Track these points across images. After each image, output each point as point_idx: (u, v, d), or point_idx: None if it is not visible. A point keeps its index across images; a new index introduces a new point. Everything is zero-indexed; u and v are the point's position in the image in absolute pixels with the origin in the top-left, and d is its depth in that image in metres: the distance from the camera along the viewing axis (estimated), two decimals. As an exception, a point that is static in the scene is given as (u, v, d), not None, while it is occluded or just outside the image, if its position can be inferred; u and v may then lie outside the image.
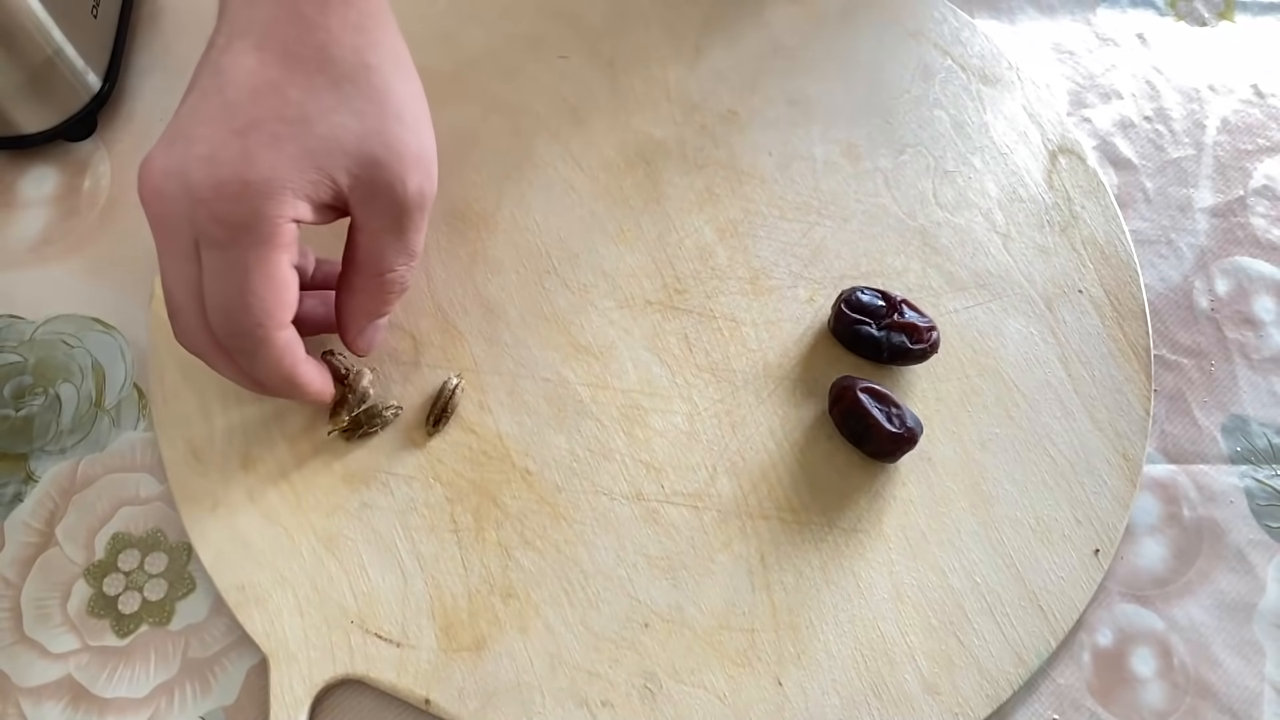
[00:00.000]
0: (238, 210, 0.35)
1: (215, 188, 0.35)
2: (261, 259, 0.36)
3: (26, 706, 0.43)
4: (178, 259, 0.37)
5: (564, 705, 0.43)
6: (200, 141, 0.35)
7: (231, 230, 0.35)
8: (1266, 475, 0.49)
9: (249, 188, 0.35)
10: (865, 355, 0.48)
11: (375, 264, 0.40)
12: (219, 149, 0.35)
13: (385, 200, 0.38)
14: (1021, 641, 0.44)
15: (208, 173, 0.35)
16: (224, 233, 0.35)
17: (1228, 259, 0.54)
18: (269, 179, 0.35)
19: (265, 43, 0.36)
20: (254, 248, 0.36)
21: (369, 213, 0.39)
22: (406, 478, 0.46)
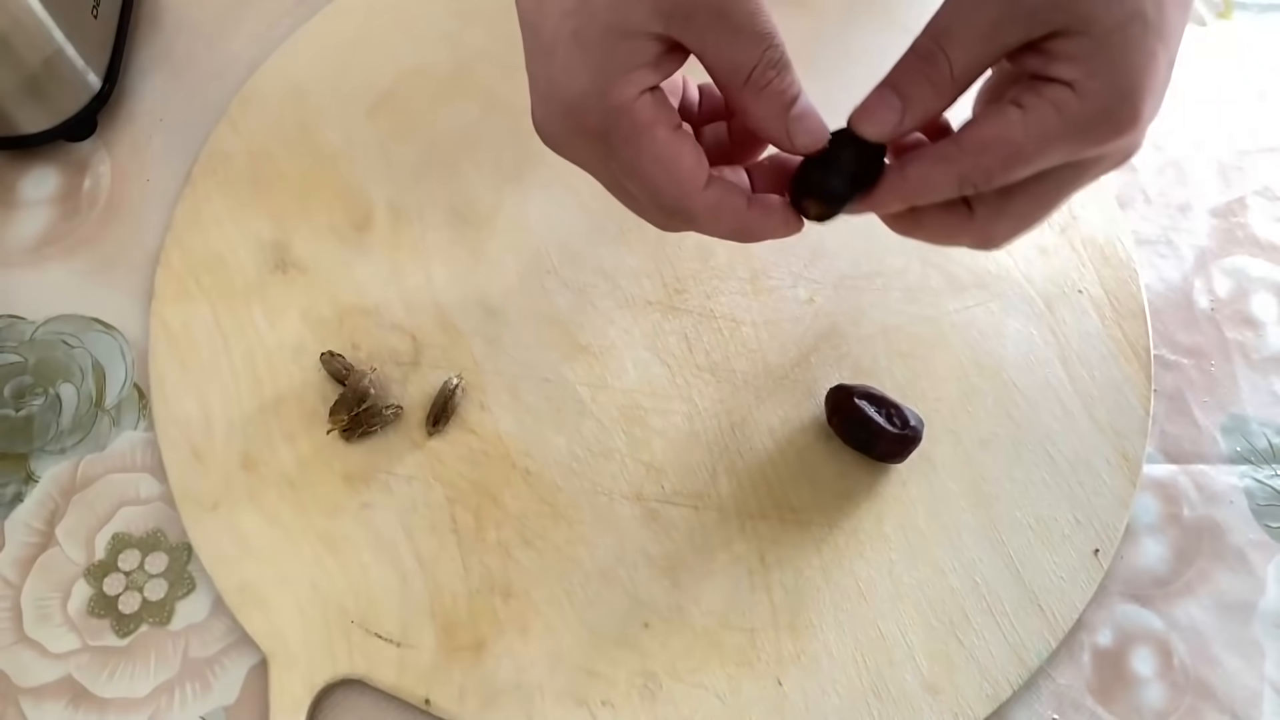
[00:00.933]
0: (593, 120, 0.34)
1: (566, 113, 0.35)
2: (639, 145, 0.34)
3: (26, 706, 0.43)
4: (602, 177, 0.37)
5: (564, 705, 0.43)
6: (538, 79, 0.35)
7: (602, 139, 0.35)
8: (1266, 475, 0.49)
9: (587, 96, 0.34)
10: None
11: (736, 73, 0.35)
12: (548, 77, 0.35)
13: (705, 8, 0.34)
14: (1021, 641, 0.44)
15: (555, 103, 0.35)
16: (600, 144, 0.35)
17: (1228, 259, 0.54)
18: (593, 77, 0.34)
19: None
20: (627, 140, 0.34)
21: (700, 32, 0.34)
22: (406, 478, 0.46)
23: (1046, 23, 0.32)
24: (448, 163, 0.53)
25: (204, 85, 0.56)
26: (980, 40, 0.33)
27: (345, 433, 0.47)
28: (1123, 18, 0.32)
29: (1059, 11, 0.32)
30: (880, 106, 0.35)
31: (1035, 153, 0.33)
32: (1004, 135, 0.33)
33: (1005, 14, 0.33)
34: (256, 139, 0.54)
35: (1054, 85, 0.33)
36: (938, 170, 0.34)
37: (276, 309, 0.50)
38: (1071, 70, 0.33)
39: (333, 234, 0.51)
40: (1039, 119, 0.33)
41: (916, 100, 0.35)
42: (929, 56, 0.34)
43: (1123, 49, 0.32)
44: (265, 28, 0.57)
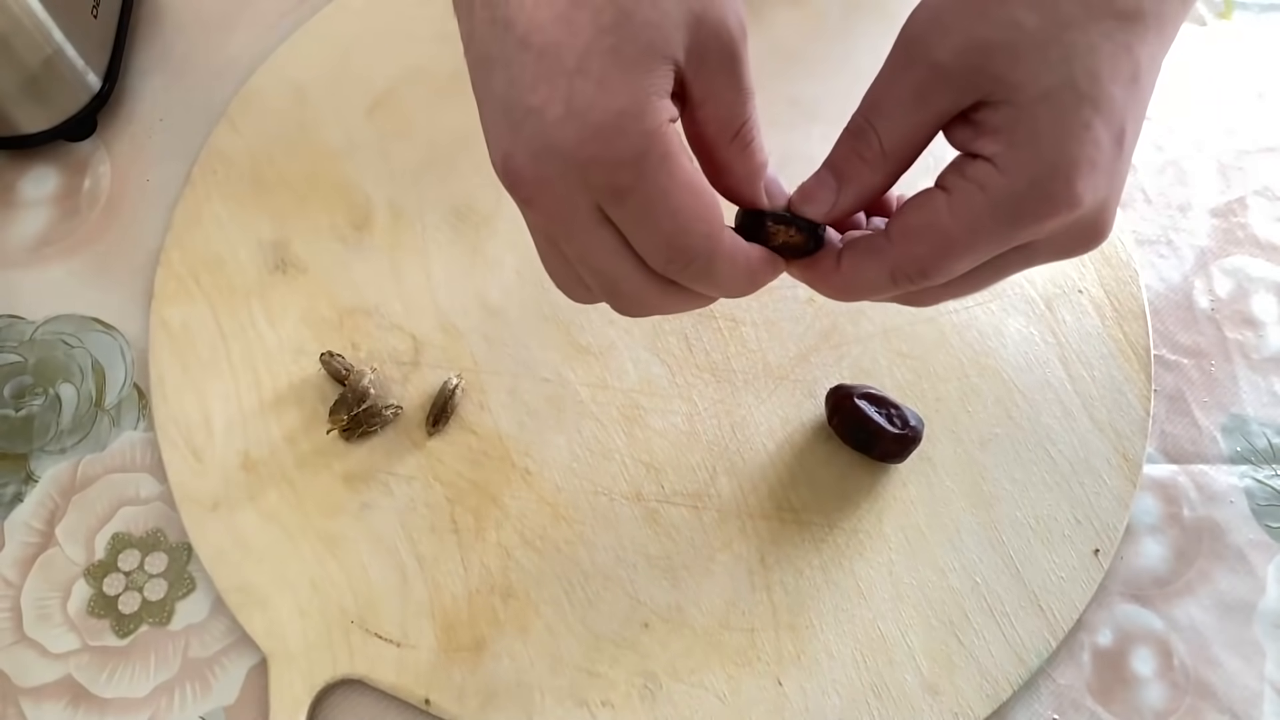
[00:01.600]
0: (627, 143, 0.31)
1: (594, 138, 0.31)
2: (671, 174, 0.32)
3: (26, 706, 0.43)
4: (591, 231, 0.33)
5: (564, 705, 0.43)
6: (547, 105, 0.31)
7: (632, 167, 0.31)
8: (1266, 475, 0.49)
9: (624, 117, 0.31)
10: None
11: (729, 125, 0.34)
12: (572, 100, 0.31)
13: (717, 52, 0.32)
14: (1021, 641, 0.44)
15: (578, 129, 0.31)
16: (628, 174, 0.31)
17: (1228, 259, 0.54)
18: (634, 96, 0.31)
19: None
20: (660, 168, 0.31)
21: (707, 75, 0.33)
22: (406, 478, 0.46)
23: (971, 89, 0.31)
24: (448, 163, 0.53)
25: (204, 85, 0.56)
26: (906, 111, 0.32)
27: (345, 433, 0.47)
28: (1050, 85, 0.30)
29: (982, 77, 0.31)
30: (818, 187, 0.35)
31: (966, 240, 0.32)
32: (930, 221, 0.32)
33: (927, 80, 0.32)
34: (256, 139, 0.54)
35: (977, 162, 0.31)
36: (869, 263, 0.34)
37: (276, 309, 0.50)
38: (994, 144, 0.31)
39: (333, 234, 0.51)
40: (963, 200, 0.32)
41: (851, 178, 0.34)
42: (859, 132, 0.33)
43: (1049, 120, 0.31)
44: (265, 28, 0.57)
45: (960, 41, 0.31)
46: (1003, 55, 0.30)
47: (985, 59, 0.31)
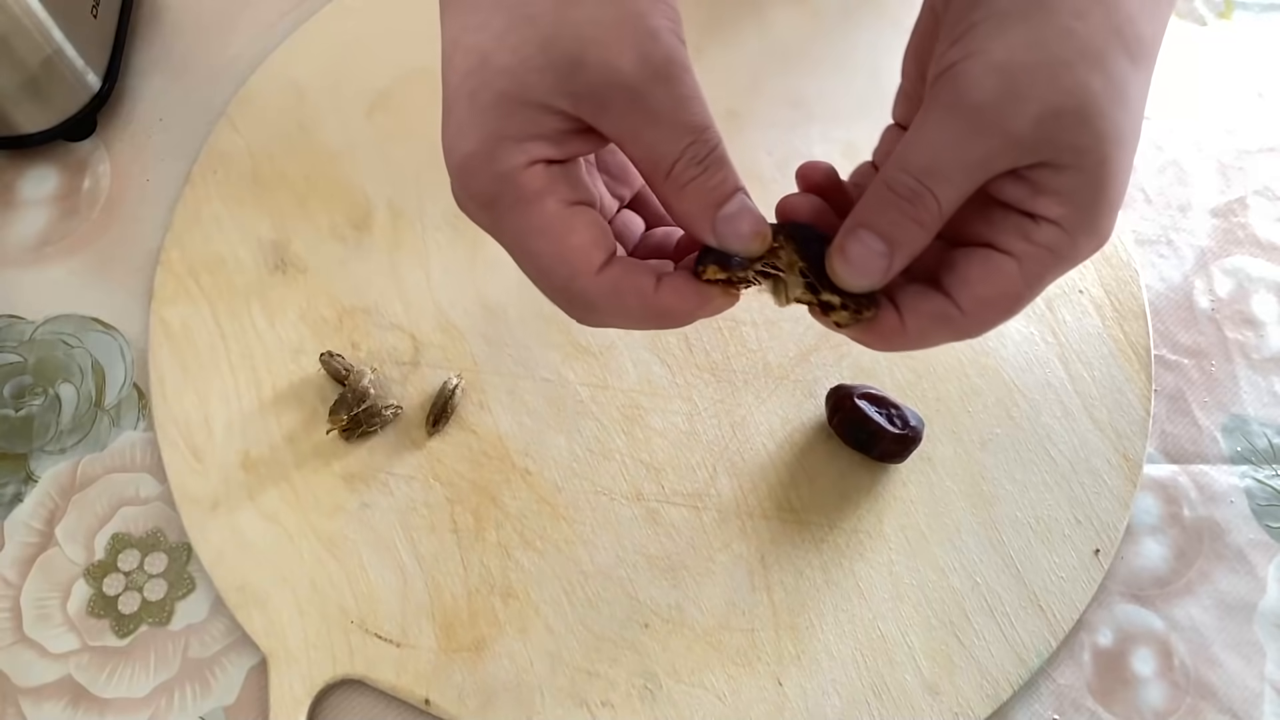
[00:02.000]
0: (480, 184, 0.32)
1: (459, 173, 0.33)
2: (525, 216, 0.32)
3: (26, 706, 0.43)
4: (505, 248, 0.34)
5: (564, 705, 0.43)
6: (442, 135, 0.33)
7: (489, 206, 0.33)
8: (1267, 475, 0.49)
9: (475, 158, 0.32)
10: None
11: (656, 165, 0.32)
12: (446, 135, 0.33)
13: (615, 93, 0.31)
14: (1021, 641, 0.44)
15: (450, 162, 0.33)
16: (487, 212, 0.33)
17: (1228, 259, 0.54)
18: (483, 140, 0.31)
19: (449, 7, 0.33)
20: (511, 211, 0.32)
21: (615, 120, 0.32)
22: (406, 478, 0.46)
23: (1038, 154, 0.31)
24: (448, 163, 0.53)
25: (204, 85, 0.56)
26: (969, 176, 0.32)
27: (345, 433, 0.47)
28: (1111, 148, 0.31)
29: (1050, 144, 0.31)
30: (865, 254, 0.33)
31: (1033, 296, 0.33)
32: (1004, 290, 0.33)
33: (998, 149, 0.31)
34: (256, 139, 0.54)
35: (1042, 226, 0.32)
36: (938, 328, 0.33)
37: (276, 309, 0.50)
38: (1058, 206, 0.31)
39: (332, 234, 0.51)
40: (1036, 266, 0.32)
41: (904, 244, 0.32)
42: (914, 197, 0.32)
43: (1110, 177, 0.31)
44: (265, 28, 0.57)
45: (1038, 111, 0.30)
46: (1074, 121, 0.31)
47: (1059, 126, 0.31)
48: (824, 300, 0.33)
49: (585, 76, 0.31)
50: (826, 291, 0.33)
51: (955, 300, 0.33)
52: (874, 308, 0.33)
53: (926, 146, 0.32)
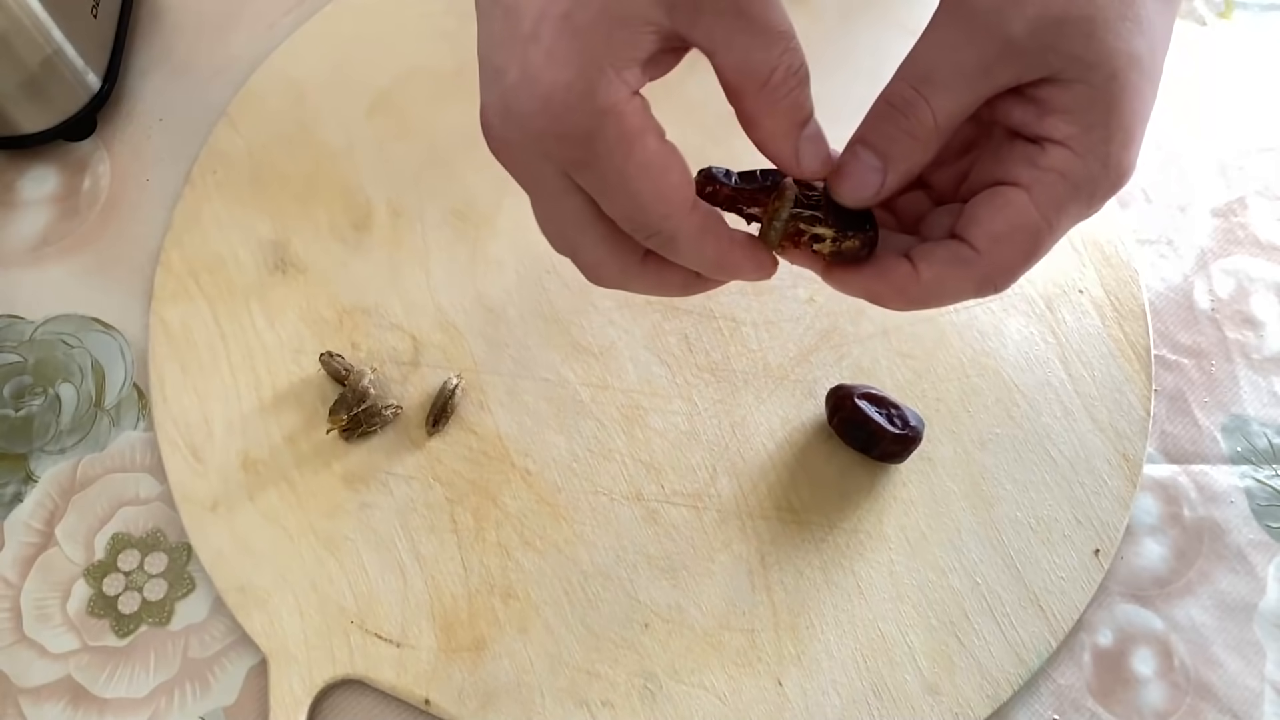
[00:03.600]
0: (575, 120, 0.30)
1: (543, 111, 0.30)
2: (626, 153, 0.30)
3: (26, 706, 0.43)
4: (555, 199, 0.32)
5: (564, 705, 0.43)
6: (508, 69, 0.31)
7: (584, 143, 0.30)
8: (1266, 475, 0.49)
9: (571, 91, 0.30)
10: None
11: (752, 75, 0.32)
12: (525, 66, 0.30)
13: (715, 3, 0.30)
14: (1021, 641, 0.44)
15: (528, 97, 0.30)
16: (579, 150, 0.31)
17: (1228, 259, 0.54)
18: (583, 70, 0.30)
19: None
20: (613, 147, 0.30)
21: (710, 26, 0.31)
22: (406, 478, 0.46)
23: (1040, 65, 0.30)
24: (448, 163, 0.53)
25: (204, 85, 0.56)
26: (967, 84, 0.30)
27: (345, 433, 0.47)
28: (1121, 64, 0.30)
29: (1055, 55, 0.30)
30: (859, 169, 0.32)
31: (1053, 230, 0.31)
32: (1017, 222, 0.31)
33: (996, 54, 0.30)
34: (256, 139, 0.54)
35: (1050, 150, 0.30)
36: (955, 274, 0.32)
37: (276, 309, 0.50)
38: (1067, 126, 0.30)
39: (332, 234, 0.51)
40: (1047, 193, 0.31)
41: (898, 158, 0.32)
42: (908, 106, 0.31)
43: (1121, 98, 0.30)
44: (265, 28, 0.57)
45: (1037, 15, 0.29)
46: (1078, 31, 0.29)
47: (1060, 35, 0.29)
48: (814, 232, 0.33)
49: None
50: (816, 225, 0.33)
51: (969, 241, 0.32)
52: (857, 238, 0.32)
53: (923, 55, 0.31)
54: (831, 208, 0.33)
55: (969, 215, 0.32)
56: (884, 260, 0.33)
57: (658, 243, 0.32)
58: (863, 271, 0.33)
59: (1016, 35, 0.30)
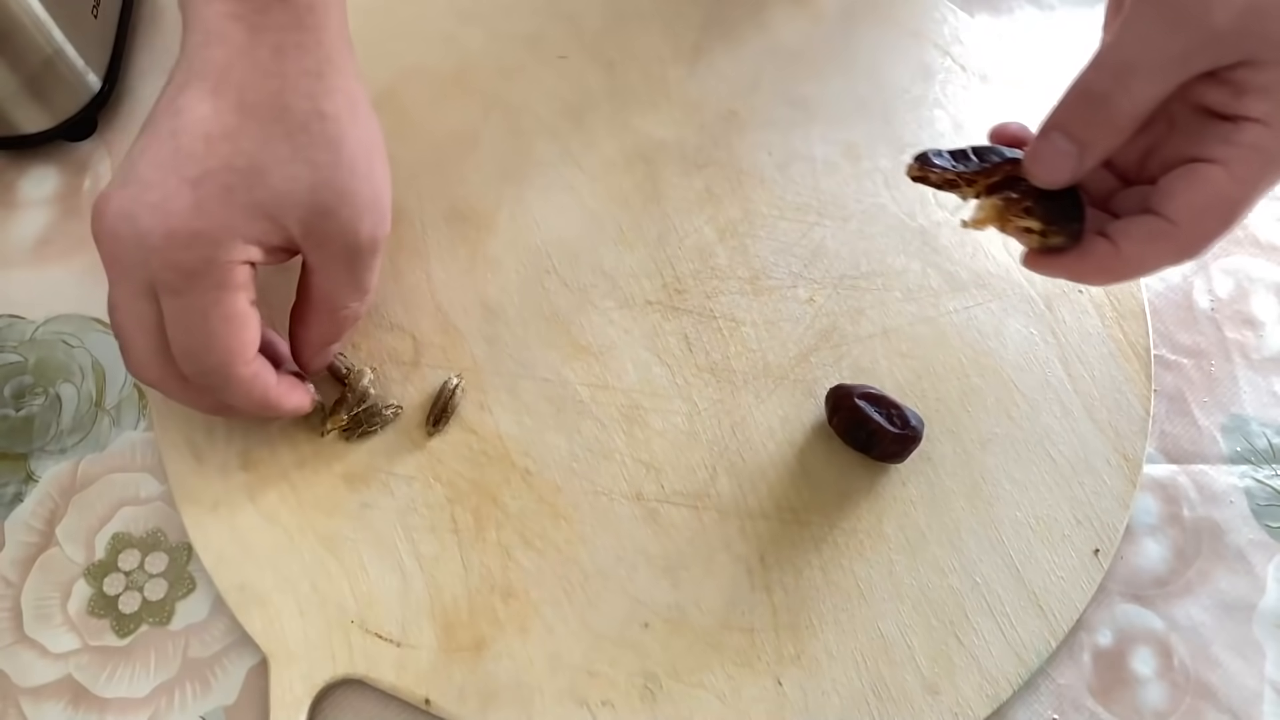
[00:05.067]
0: (189, 258, 0.36)
1: (166, 236, 0.36)
2: (217, 301, 0.37)
3: (26, 706, 0.43)
4: (131, 297, 0.38)
5: (564, 705, 0.43)
6: (153, 187, 0.36)
7: (185, 277, 0.36)
8: (1266, 475, 0.49)
9: (199, 237, 0.36)
10: None
11: (329, 301, 0.41)
12: (171, 197, 0.36)
13: (338, 246, 0.40)
14: (1021, 641, 0.44)
15: (159, 220, 0.36)
16: (178, 279, 0.36)
17: (1228, 259, 0.54)
18: (220, 228, 0.36)
19: (221, 89, 0.36)
20: (209, 291, 0.37)
21: (322, 257, 0.40)
22: (406, 478, 0.46)
23: (1239, 50, 0.31)
24: (448, 163, 0.53)
25: (204, 85, 0.56)
26: (1169, 72, 0.32)
27: (345, 433, 0.47)
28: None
29: (1255, 40, 0.31)
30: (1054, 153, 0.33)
31: (1250, 202, 0.32)
32: (1215, 195, 0.32)
33: (1197, 42, 0.31)
34: (256, 139, 0.53)
35: (1245, 126, 0.31)
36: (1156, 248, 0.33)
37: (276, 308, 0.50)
38: (1261, 104, 0.31)
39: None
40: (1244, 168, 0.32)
41: (1094, 143, 0.33)
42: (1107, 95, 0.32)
43: None
44: (265, 28, 0.57)
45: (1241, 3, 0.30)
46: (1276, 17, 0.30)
47: (1260, 20, 0.30)
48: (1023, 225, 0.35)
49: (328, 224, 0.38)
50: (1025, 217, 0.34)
51: (1166, 215, 0.33)
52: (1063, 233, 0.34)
53: (1124, 43, 0.32)
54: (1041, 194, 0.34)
55: (1165, 190, 0.33)
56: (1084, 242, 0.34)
57: (207, 381, 0.39)
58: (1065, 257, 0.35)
59: (1220, 24, 0.31)
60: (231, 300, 0.37)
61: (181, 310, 0.37)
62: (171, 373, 0.39)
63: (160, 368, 0.39)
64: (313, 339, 0.43)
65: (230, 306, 0.37)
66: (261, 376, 0.40)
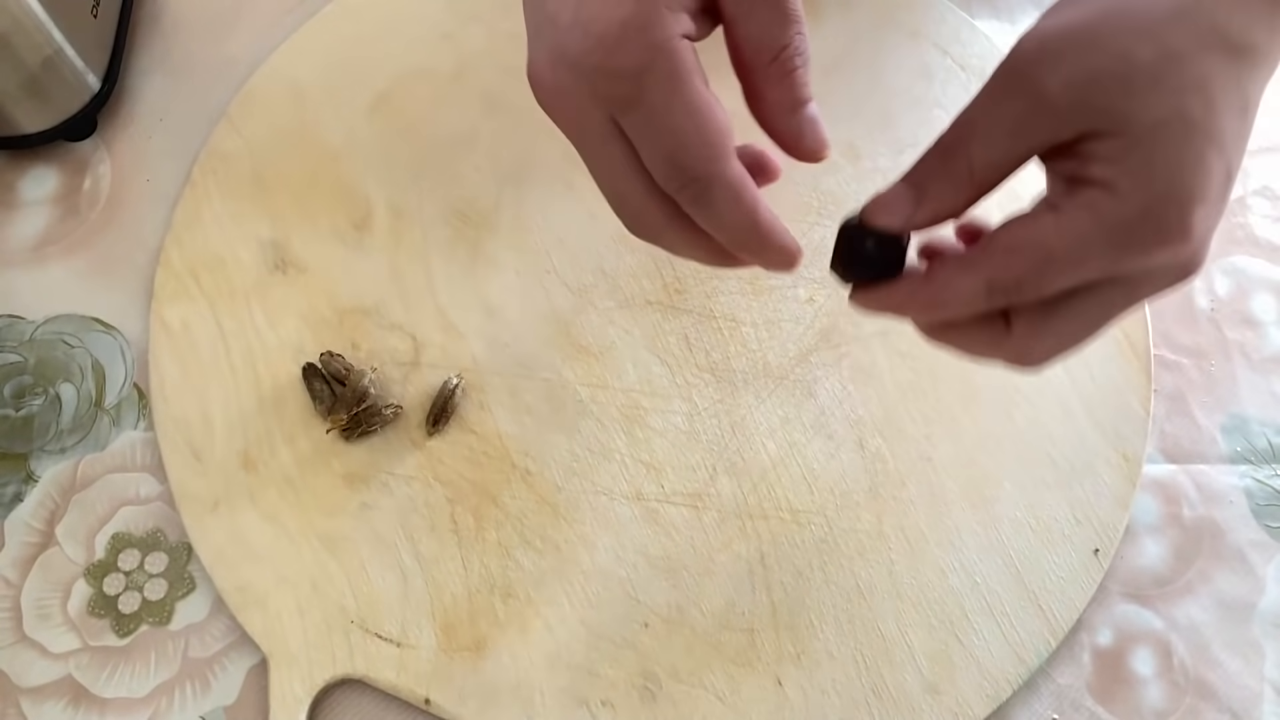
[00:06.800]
0: (629, 54, 0.31)
1: (597, 48, 0.31)
2: (675, 90, 0.32)
3: (26, 706, 0.43)
4: (601, 144, 0.33)
5: (564, 705, 0.43)
6: (560, 13, 0.32)
7: (634, 80, 0.31)
8: (1266, 475, 0.49)
9: (625, 27, 0.31)
10: None
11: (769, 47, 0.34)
12: (579, 7, 0.32)
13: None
14: (1021, 641, 0.44)
15: (582, 37, 0.32)
16: (629, 86, 0.32)
17: (1228, 259, 0.54)
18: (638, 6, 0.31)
19: None
20: (663, 83, 0.31)
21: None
22: (406, 478, 0.46)
23: (1077, 122, 0.30)
24: (448, 163, 0.53)
25: (204, 85, 0.56)
26: (1003, 138, 0.31)
27: (345, 433, 0.47)
28: (1162, 115, 0.30)
29: (1090, 110, 0.30)
30: (895, 199, 0.33)
31: (1069, 258, 0.31)
32: (1034, 238, 0.31)
33: (1029, 111, 0.31)
34: (256, 139, 0.54)
35: (1089, 187, 0.30)
36: (963, 276, 0.32)
37: (276, 309, 0.50)
38: (1106, 170, 0.30)
39: (333, 234, 0.51)
40: (1072, 221, 0.31)
41: (932, 196, 0.33)
42: (948, 151, 0.32)
43: (1163, 149, 0.30)
44: (265, 28, 0.57)
45: (1071, 73, 0.30)
46: (1115, 87, 0.30)
47: (1096, 91, 0.30)
48: None
49: None
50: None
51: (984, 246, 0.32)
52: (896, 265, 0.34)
53: (972, 104, 0.32)
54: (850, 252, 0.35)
55: (996, 228, 0.33)
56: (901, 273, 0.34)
57: (693, 192, 0.33)
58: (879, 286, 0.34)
59: (1051, 93, 0.30)
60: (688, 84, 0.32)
61: (644, 119, 0.32)
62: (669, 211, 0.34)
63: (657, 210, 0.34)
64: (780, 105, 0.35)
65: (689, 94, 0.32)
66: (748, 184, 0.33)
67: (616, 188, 0.35)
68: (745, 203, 0.33)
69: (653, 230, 0.35)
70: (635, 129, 0.33)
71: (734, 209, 0.33)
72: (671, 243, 0.36)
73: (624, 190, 0.34)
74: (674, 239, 0.35)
